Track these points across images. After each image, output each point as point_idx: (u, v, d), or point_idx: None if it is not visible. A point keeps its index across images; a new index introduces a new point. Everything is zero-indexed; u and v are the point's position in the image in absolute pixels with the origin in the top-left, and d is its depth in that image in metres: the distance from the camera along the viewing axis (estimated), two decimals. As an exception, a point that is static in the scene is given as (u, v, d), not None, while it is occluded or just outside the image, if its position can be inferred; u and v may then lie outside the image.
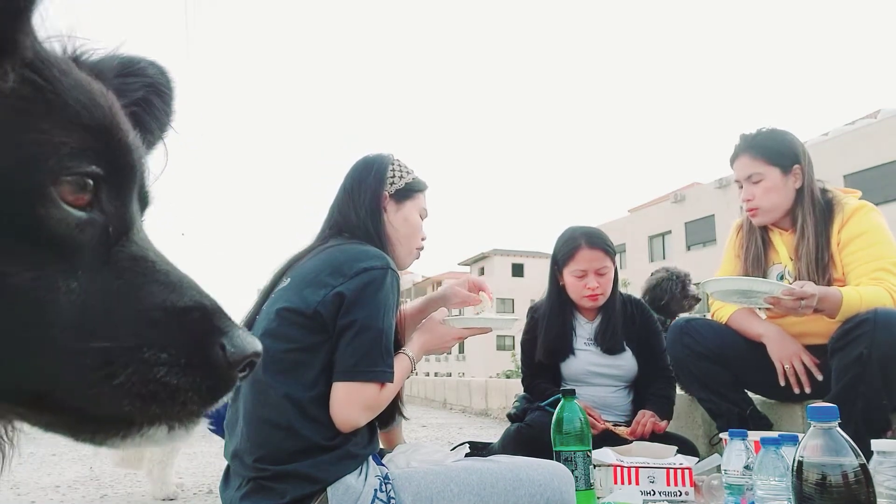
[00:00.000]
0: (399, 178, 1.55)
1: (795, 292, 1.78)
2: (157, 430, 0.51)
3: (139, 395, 0.50)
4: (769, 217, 2.15)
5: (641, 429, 2.10)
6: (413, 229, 1.56)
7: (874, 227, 1.99)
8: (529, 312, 2.49)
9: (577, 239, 2.27)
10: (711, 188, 28.47)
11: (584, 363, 2.31)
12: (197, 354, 0.52)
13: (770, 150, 2.11)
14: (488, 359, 41.63)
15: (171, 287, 0.54)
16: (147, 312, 0.51)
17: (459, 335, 1.52)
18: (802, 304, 1.78)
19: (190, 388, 0.51)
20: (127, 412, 0.50)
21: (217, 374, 0.53)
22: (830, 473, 1.00)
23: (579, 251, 2.25)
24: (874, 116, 24.05)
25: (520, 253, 46.70)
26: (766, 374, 2.06)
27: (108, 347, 0.49)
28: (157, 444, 0.55)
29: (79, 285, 0.49)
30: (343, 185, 1.56)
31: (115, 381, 0.49)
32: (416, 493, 1.27)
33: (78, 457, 3.48)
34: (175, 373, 0.51)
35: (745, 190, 2.16)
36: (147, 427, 0.51)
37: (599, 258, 2.24)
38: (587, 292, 2.25)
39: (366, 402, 1.25)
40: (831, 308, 1.83)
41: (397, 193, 1.54)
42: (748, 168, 2.13)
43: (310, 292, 1.29)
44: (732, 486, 1.46)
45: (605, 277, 2.26)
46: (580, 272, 2.26)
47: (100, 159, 0.51)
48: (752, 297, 1.92)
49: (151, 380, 0.50)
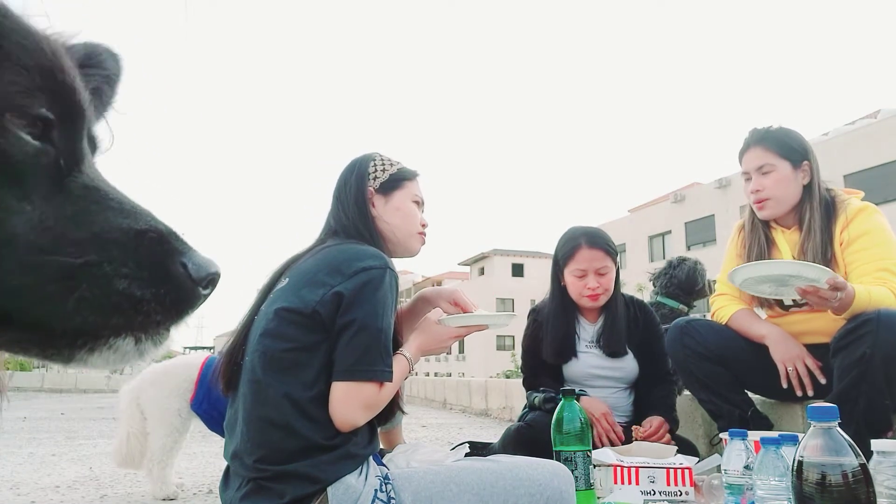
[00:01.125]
0: (382, 172, 1.55)
1: (838, 282, 1.73)
2: (123, 343, 0.53)
3: (101, 307, 0.52)
4: (776, 210, 2.15)
5: (657, 439, 2.09)
6: (407, 216, 1.56)
7: (877, 228, 1.99)
8: (531, 314, 2.48)
9: (578, 238, 2.27)
10: (711, 188, 28.47)
11: (585, 366, 2.31)
12: (158, 270, 0.55)
13: (781, 144, 2.12)
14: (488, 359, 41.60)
15: (126, 213, 0.56)
16: (104, 233, 0.54)
17: (456, 334, 1.52)
18: (838, 296, 1.74)
19: (153, 299, 0.53)
20: (91, 324, 0.52)
21: (180, 288, 0.55)
22: (830, 473, 1.00)
23: (579, 251, 2.25)
24: (874, 116, 24.04)
25: (520, 253, 46.67)
26: (767, 375, 2.06)
27: (68, 262, 0.51)
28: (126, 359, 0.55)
29: (33, 208, 0.52)
30: (333, 193, 1.58)
31: (77, 294, 0.51)
32: (416, 493, 1.27)
33: (78, 457, 3.48)
34: (137, 285, 0.53)
35: (753, 181, 2.16)
36: (113, 339, 0.53)
37: (600, 258, 2.24)
38: (587, 292, 2.25)
39: (365, 401, 1.25)
40: (844, 304, 1.80)
41: (382, 186, 1.54)
42: (759, 159, 2.14)
43: (308, 292, 1.29)
44: (732, 486, 1.45)
45: (605, 277, 2.26)
46: (580, 272, 2.26)
47: (48, 100, 0.53)
48: (786, 285, 1.85)
49: (113, 291, 0.52)
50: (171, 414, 2.37)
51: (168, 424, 2.37)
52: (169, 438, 2.36)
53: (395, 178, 1.56)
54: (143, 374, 2.49)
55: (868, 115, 25.24)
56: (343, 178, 1.57)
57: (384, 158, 1.59)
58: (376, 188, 1.54)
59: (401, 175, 1.57)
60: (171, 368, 2.45)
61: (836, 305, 1.78)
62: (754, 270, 1.90)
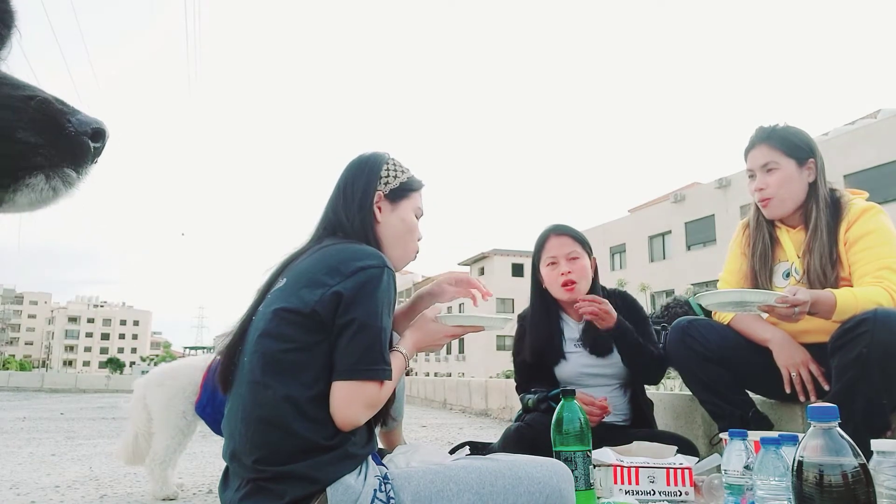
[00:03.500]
0: (394, 178, 1.53)
1: (789, 300, 1.77)
2: (37, 181, 0.67)
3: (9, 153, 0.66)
4: (780, 208, 2.15)
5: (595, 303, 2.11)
6: (409, 229, 1.55)
7: (880, 228, 1.99)
8: (518, 320, 2.50)
9: (546, 232, 2.39)
10: (711, 188, 28.47)
11: (575, 365, 2.31)
12: (49, 124, 0.69)
13: (787, 142, 2.13)
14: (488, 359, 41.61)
15: (20, 87, 0.70)
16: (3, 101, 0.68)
17: (452, 333, 1.52)
18: (796, 311, 1.78)
19: (48, 144, 0.68)
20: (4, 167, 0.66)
21: (69, 138, 0.69)
22: (830, 473, 1.00)
23: (548, 241, 2.35)
24: (874, 116, 24.06)
25: (520, 253, 46.68)
26: (768, 375, 2.06)
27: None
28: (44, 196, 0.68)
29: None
30: (337, 183, 1.54)
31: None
32: (416, 493, 1.27)
33: (78, 457, 3.48)
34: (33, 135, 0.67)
35: (758, 179, 2.17)
36: (28, 178, 0.67)
37: (568, 243, 2.32)
38: (561, 279, 2.29)
39: (367, 400, 1.25)
40: (825, 311, 1.83)
41: (392, 193, 1.52)
42: (764, 157, 2.14)
43: (307, 292, 1.28)
44: (732, 486, 1.45)
45: (576, 263, 2.30)
46: (551, 259, 2.32)
47: None
48: (747, 307, 1.91)
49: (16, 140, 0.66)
50: (176, 415, 2.37)
51: (173, 426, 2.37)
52: (173, 440, 2.36)
53: (405, 186, 1.54)
54: (149, 375, 2.49)
55: (868, 115, 25.25)
56: (352, 174, 1.53)
57: (396, 163, 1.56)
58: (385, 193, 1.51)
59: (411, 185, 1.56)
60: (177, 370, 2.45)
61: (801, 319, 1.81)
62: (713, 298, 1.90)
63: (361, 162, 1.55)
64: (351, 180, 1.52)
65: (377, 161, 1.54)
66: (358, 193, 1.49)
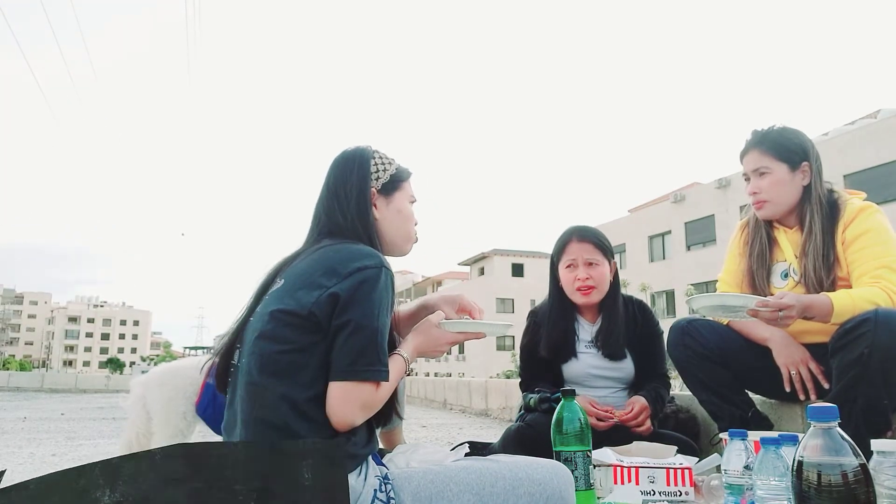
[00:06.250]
0: (383, 171, 1.52)
1: (771, 304, 1.77)
2: None
3: None
4: (774, 211, 2.16)
5: (634, 420, 2.11)
6: (406, 218, 1.55)
7: (878, 228, 1.99)
8: (530, 316, 2.49)
9: (569, 234, 2.36)
10: (711, 188, 28.48)
11: (585, 366, 2.32)
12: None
13: (779, 146, 2.13)
14: (488, 359, 41.60)
15: None
16: None
17: (454, 339, 1.51)
18: (781, 315, 1.77)
19: None
20: None
21: None
22: (830, 473, 1.00)
23: (570, 244, 2.33)
24: (874, 116, 24.06)
25: (520, 253, 46.70)
26: (768, 375, 2.06)
27: None
28: None
29: None
30: (326, 184, 1.51)
31: None
32: (416, 493, 1.27)
33: (78, 457, 3.48)
34: None
35: (752, 183, 2.18)
36: None
37: (589, 250, 2.30)
38: (578, 283, 2.28)
39: (362, 401, 1.25)
40: (822, 315, 1.83)
41: (384, 187, 1.51)
42: (756, 162, 2.15)
43: (304, 293, 1.28)
44: (732, 486, 1.45)
45: (595, 269, 2.29)
46: (570, 262, 2.31)
47: None
48: (736, 311, 1.89)
49: None
50: (177, 416, 2.36)
51: (173, 426, 2.36)
52: (173, 440, 2.35)
53: (395, 178, 1.53)
54: (150, 374, 2.48)
55: (868, 115, 25.26)
56: (341, 174, 1.50)
57: (382, 156, 1.54)
58: (378, 189, 1.50)
59: (400, 175, 1.55)
60: (177, 370, 2.44)
61: (789, 324, 1.81)
62: (701, 301, 1.89)
63: (347, 160, 1.51)
64: (342, 181, 1.49)
65: (364, 157, 1.51)
66: (353, 193, 1.46)
